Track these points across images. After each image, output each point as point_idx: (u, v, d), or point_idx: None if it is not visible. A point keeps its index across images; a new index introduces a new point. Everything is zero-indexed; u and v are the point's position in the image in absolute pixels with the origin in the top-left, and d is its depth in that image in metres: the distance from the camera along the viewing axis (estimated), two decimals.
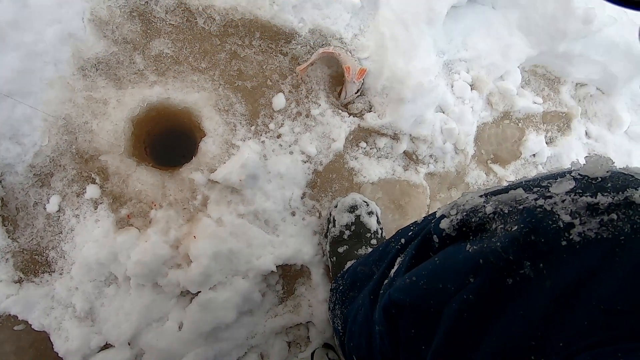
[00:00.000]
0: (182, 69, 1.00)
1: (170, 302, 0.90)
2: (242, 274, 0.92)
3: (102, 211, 0.91)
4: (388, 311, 0.49)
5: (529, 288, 0.35)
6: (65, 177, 0.92)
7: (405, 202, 1.09)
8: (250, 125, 1.00)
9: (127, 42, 0.98)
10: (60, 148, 0.92)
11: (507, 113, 1.21)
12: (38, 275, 0.91)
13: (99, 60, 0.96)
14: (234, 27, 1.02)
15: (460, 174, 1.17)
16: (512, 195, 0.42)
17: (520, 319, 0.35)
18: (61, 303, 0.90)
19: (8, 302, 0.87)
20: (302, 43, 1.05)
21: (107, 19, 0.96)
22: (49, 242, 0.92)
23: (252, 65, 1.03)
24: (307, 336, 1.00)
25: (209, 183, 0.95)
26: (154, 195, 0.94)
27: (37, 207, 0.91)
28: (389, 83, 1.02)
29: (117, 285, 0.90)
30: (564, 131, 1.26)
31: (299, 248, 0.97)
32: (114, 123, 0.94)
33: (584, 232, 0.34)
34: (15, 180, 0.90)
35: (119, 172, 0.94)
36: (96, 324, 0.89)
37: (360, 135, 1.07)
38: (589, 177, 0.39)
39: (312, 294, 0.99)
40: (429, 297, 0.43)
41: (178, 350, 0.88)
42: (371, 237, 0.95)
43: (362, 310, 0.64)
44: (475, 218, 0.44)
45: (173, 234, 0.91)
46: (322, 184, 1.04)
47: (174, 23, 1.00)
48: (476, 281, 0.39)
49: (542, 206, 0.38)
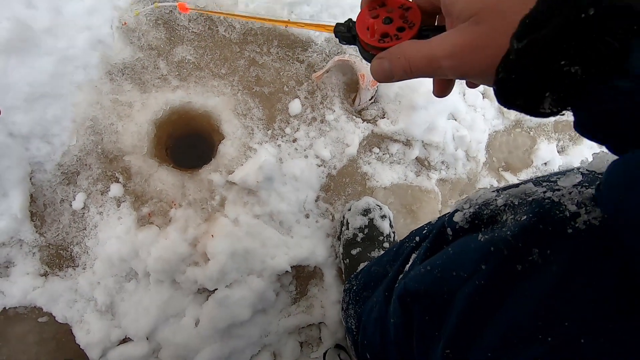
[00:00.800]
0: (203, 75, 1.04)
1: (187, 299, 0.93)
2: (257, 273, 0.94)
3: (125, 209, 0.95)
4: (403, 300, 0.51)
5: (537, 273, 0.37)
6: (90, 176, 0.97)
7: (416, 207, 1.11)
8: (267, 130, 1.04)
9: (152, 48, 1.03)
10: (87, 148, 0.96)
11: (518, 121, 1.22)
12: (62, 269, 0.95)
13: (125, 65, 1.00)
14: (253, 35, 1.06)
15: (471, 181, 1.18)
16: (522, 189, 0.44)
17: (529, 299, 0.37)
18: (84, 296, 0.93)
19: (34, 294, 0.91)
20: (318, 51, 1.08)
21: (134, 26, 1.01)
22: (74, 237, 0.95)
23: (269, 71, 1.07)
24: (319, 337, 1.02)
25: (227, 184, 0.98)
26: (174, 195, 0.97)
27: (64, 203, 0.95)
28: (401, 90, 1.05)
29: (137, 281, 0.93)
30: (575, 140, 1.27)
31: (313, 249, 1.00)
32: (138, 125, 0.98)
33: (589, 220, 0.36)
34: (44, 178, 0.94)
35: (142, 172, 0.98)
36: (116, 317, 0.92)
37: (373, 140, 1.10)
38: (595, 172, 0.42)
39: (325, 295, 1.01)
40: (443, 284, 0.45)
41: (194, 345, 0.90)
42: (384, 240, 0.97)
43: (377, 307, 0.65)
44: (487, 210, 0.46)
45: (191, 233, 0.94)
46: (335, 188, 1.07)
47: (197, 31, 1.05)
48: (487, 267, 0.41)
49: (550, 197, 0.40)
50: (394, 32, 0.40)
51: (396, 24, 0.41)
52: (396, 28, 0.40)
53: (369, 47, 0.42)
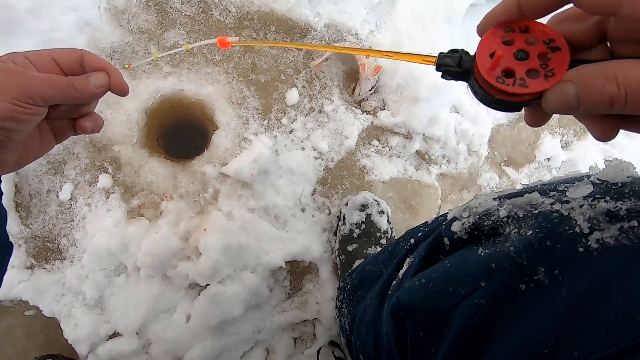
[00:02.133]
0: (196, 61, 0.99)
1: (178, 294, 0.91)
2: (250, 268, 0.92)
3: (114, 201, 0.92)
4: (396, 313, 0.49)
5: (542, 295, 0.35)
6: (78, 166, 0.93)
7: (416, 202, 1.08)
8: (263, 120, 1.00)
9: (143, 32, 0.97)
10: (74, 137, 0.92)
11: (522, 115, 1.18)
12: (49, 262, 0.92)
13: (114, 49, 0.95)
14: (249, 19, 1.01)
15: (472, 176, 1.15)
16: (527, 199, 0.41)
17: (532, 325, 0.34)
18: (71, 290, 0.90)
19: (20, 287, 0.88)
20: (317, 38, 1.03)
21: (124, 8, 0.96)
22: (61, 229, 0.92)
23: (266, 59, 1.02)
24: (313, 333, 1.00)
25: (220, 176, 0.95)
26: (165, 187, 0.94)
27: (50, 194, 0.92)
28: (404, 81, 1.01)
29: (126, 275, 0.91)
30: (580, 135, 1.24)
31: (308, 245, 0.97)
32: (128, 113, 0.94)
33: (603, 239, 0.33)
34: (29, 167, 0.91)
35: (131, 163, 0.94)
36: (105, 312, 0.90)
37: (372, 133, 1.06)
38: (608, 182, 0.38)
39: (320, 291, 0.99)
40: (439, 300, 0.42)
41: (185, 341, 0.88)
42: (381, 236, 0.94)
43: (370, 310, 0.63)
44: (488, 221, 0.43)
45: (183, 226, 0.91)
46: (332, 181, 1.04)
47: (190, 14, 1.00)
48: (488, 286, 0.38)
49: (558, 211, 0.37)
50: (522, 74, 0.29)
51: (530, 64, 0.29)
52: (526, 71, 0.29)
53: (483, 81, 0.31)
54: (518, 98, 0.30)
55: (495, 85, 0.29)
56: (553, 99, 0.29)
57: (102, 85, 0.43)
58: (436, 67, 0.34)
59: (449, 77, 0.34)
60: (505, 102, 0.30)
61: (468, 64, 0.32)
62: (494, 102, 0.31)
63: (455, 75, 0.33)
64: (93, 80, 0.42)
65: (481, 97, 0.32)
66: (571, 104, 0.28)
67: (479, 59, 0.31)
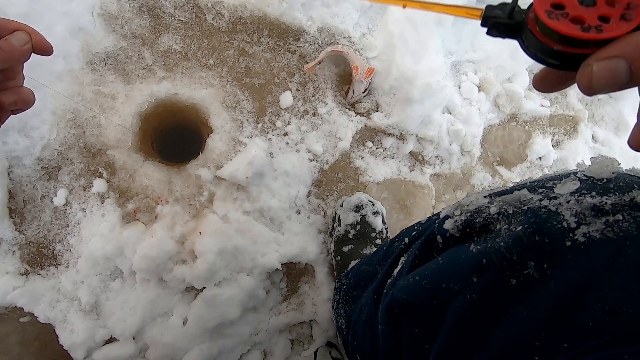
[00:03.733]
0: (190, 65, 1.00)
1: (175, 298, 0.91)
2: (247, 271, 0.92)
3: (109, 205, 0.92)
4: (391, 311, 0.49)
5: (533, 288, 0.35)
6: (72, 171, 0.93)
7: (410, 203, 1.09)
8: (257, 123, 1.00)
9: (136, 37, 0.98)
10: (68, 142, 0.92)
11: (514, 115, 1.20)
12: (44, 267, 0.92)
13: (107, 54, 0.96)
14: (242, 24, 1.02)
15: (466, 176, 1.16)
16: (517, 195, 0.42)
17: (524, 319, 0.35)
18: (67, 296, 0.90)
19: (14, 294, 0.87)
20: (310, 41, 1.04)
21: (117, 13, 0.96)
22: (56, 235, 0.92)
23: (259, 62, 1.03)
24: (310, 334, 1.00)
25: (216, 179, 0.95)
26: (160, 191, 0.94)
27: (44, 200, 0.92)
28: (396, 83, 1.02)
29: (122, 280, 0.91)
30: (570, 134, 1.26)
31: (304, 246, 0.97)
32: (122, 118, 0.94)
33: (589, 232, 0.34)
34: (23, 173, 0.90)
35: (126, 167, 0.94)
36: (101, 317, 0.90)
37: (366, 134, 1.07)
38: (594, 178, 0.39)
39: (316, 292, 1.00)
40: (432, 296, 0.43)
41: (182, 345, 0.88)
42: (376, 237, 0.95)
43: (366, 310, 0.64)
44: (479, 219, 0.44)
45: (179, 230, 0.91)
46: (327, 183, 1.04)
47: (183, 19, 1.00)
48: (479, 281, 0.39)
49: (546, 207, 0.38)
50: (596, 21, 0.26)
51: (600, 10, 0.27)
52: (598, 16, 0.27)
53: (551, 38, 0.27)
54: (583, 49, 0.27)
55: (581, 36, 0.26)
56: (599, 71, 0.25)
57: (26, 42, 0.40)
58: (482, 22, 0.31)
59: (496, 33, 0.31)
60: (565, 55, 0.27)
61: (520, 17, 0.29)
62: (550, 55, 0.28)
63: (505, 29, 0.30)
64: (15, 40, 0.39)
65: (535, 50, 0.29)
66: (621, 77, 0.25)
67: (538, 4, 0.28)
